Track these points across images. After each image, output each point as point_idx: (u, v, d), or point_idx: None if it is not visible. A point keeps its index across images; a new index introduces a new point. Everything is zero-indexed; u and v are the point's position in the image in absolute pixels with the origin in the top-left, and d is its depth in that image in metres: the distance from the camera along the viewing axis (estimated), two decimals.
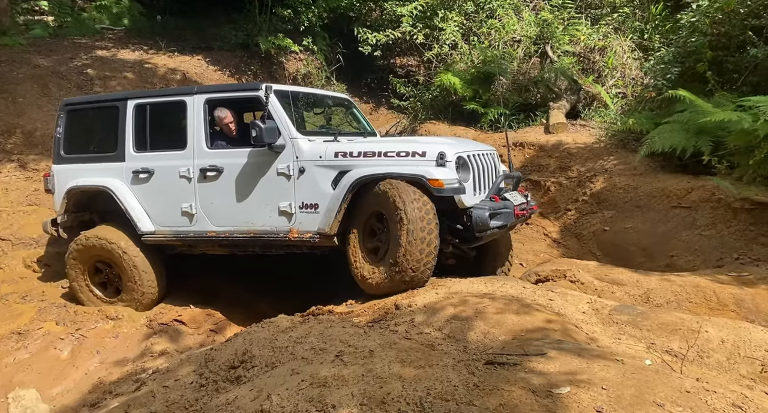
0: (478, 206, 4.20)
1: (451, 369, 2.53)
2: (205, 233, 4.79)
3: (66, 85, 8.70)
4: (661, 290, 4.12)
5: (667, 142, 6.01)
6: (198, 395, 2.90)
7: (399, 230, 3.91)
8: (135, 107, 4.96)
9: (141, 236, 4.93)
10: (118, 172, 4.99)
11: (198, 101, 4.75)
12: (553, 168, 7.13)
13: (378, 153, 4.25)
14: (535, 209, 5.00)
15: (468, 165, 4.28)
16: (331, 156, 4.36)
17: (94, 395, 4.06)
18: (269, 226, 4.57)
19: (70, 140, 5.25)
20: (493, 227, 4.18)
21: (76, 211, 5.29)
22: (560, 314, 3.49)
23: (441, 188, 3.98)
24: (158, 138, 4.94)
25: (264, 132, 4.26)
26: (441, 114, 8.96)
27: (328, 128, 5.44)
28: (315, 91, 6.07)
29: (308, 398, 2.40)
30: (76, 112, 5.30)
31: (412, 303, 3.81)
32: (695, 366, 2.96)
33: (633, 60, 8.79)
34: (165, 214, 4.90)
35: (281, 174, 4.48)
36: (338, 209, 4.26)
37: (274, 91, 4.47)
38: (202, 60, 10.50)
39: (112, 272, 5.10)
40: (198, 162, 4.73)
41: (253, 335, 3.39)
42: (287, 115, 4.52)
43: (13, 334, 4.60)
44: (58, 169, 5.24)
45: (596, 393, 2.24)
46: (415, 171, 4.07)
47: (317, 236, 4.41)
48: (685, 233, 5.50)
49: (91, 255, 5.04)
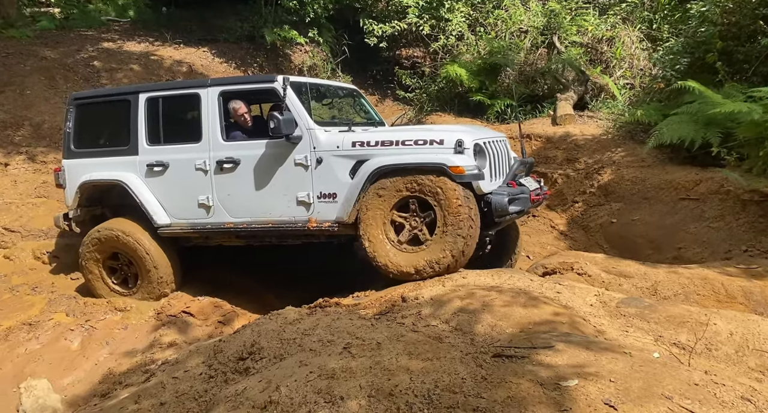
0: (496, 191, 4.26)
1: (458, 362, 2.54)
2: (223, 225, 4.83)
3: (73, 77, 8.72)
4: (668, 283, 4.10)
5: (675, 133, 5.95)
6: (207, 386, 2.92)
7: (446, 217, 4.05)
8: (147, 101, 4.96)
9: (157, 229, 4.96)
10: (132, 165, 5.00)
11: (212, 94, 4.76)
12: (560, 160, 7.09)
13: (396, 142, 4.27)
14: (548, 195, 5.05)
15: (484, 152, 4.32)
16: (348, 146, 4.39)
17: (104, 385, 4.11)
18: (287, 216, 4.61)
19: (81, 134, 5.25)
20: (512, 212, 4.24)
21: (88, 205, 5.31)
22: (568, 306, 3.49)
23: (462, 175, 4.03)
24: (172, 131, 4.95)
25: (282, 123, 4.28)
26: (447, 106, 8.92)
27: (340, 118, 5.46)
28: (326, 83, 6.10)
29: (316, 389, 2.42)
30: (85, 106, 5.30)
31: (419, 296, 3.83)
32: (703, 358, 2.95)
33: (641, 51, 8.70)
34: (181, 206, 4.93)
35: (299, 165, 4.51)
36: (357, 198, 4.30)
37: (291, 82, 4.50)
38: (207, 52, 10.49)
39: (128, 265, 5.14)
40: (214, 154, 4.75)
41: (261, 327, 3.41)
42: (304, 106, 4.54)
43: (24, 325, 4.66)
44: (69, 164, 5.25)
45: (604, 385, 2.24)
46: (435, 159, 4.11)
47: (336, 225, 4.46)
48: (693, 225, 5.47)
49: (106, 248, 5.07)
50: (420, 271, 4.16)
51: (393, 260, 4.24)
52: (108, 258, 5.15)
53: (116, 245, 5.02)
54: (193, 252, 5.46)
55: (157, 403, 2.83)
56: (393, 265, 4.24)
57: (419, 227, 4.24)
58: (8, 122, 7.57)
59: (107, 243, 5.04)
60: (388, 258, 4.25)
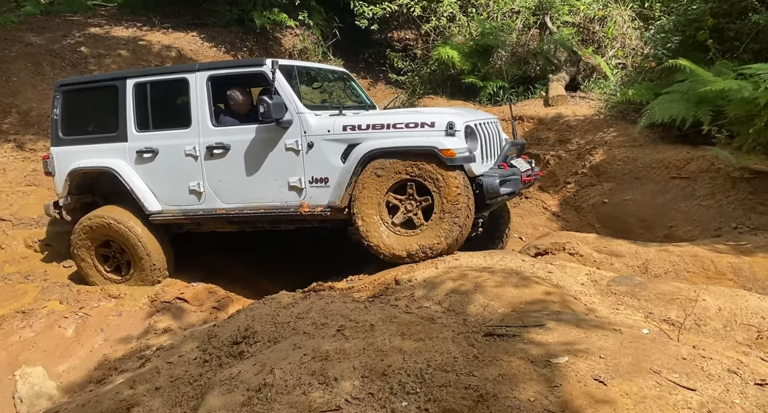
0: (488, 173, 4.26)
1: (450, 342, 2.57)
2: (215, 211, 4.81)
3: (60, 63, 8.60)
4: (659, 261, 4.14)
5: (666, 112, 5.96)
6: (202, 370, 2.94)
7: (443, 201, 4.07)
8: (135, 86, 4.90)
9: (148, 216, 4.94)
10: (121, 152, 4.95)
11: (200, 78, 4.71)
12: (553, 141, 7.09)
13: (387, 125, 4.25)
14: (539, 175, 5.06)
15: (476, 134, 4.32)
16: (339, 130, 4.36)
17: (99, 371, 4.13)
18: (279, 201, 4.59)
19: (68, 121, 5.19)
20: (503, 193, 4.25)
21: (78, 193, 5.27)
22: (559, 286, 3.52)
23: (453, 158, 4.02)
24: (161, 117, 4.89)
25: (272, 108, 4.24)
26: (439, 88, 8.87)
27: (330, 102, 5.41)
28: (316, 66, 6.02)
29: (310, 371, 2.44)
30: (72, 92, 5.23)
31: (412, 278, 3.85)
32: (692, 334, 2.99)
33: (633, 30, 8.65)
34: (172, 193, 4.90)
35: (290, 149, 4.48)
36: (349, 182, 4.29)
37: (280, 65, 4.45)
38: (196, 37, 10.34)
39: (120, 252, 5.13)
40: (204, 140, 4.71)
41: (255, 311, 3.42)
42: (293, 90, 4.50)
43: (18, 313, 4.66)
44: (58, 151, 5.19)
45: (594, 361, 2.27)
46: (426, 142, 4.10)
47: (328, 209, 4.45)
48: (684, 203, 5.50)
49: (98, 236, 5.06)
50: (412, 255, 4.17)
51: (386, 241, 4.25)
52: (100, 246, 5.13)
53: (108, 232, 5.00)
54: (187, 239, 5.46)
55: (153, 388, 2.85)
56: (385, 247, 4.25)
57: (414, 210, 4.24)
58: None
59: (99, 231, 5.02)
60: (381, 239, 4.26)
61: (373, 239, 4.27)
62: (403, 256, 4.20)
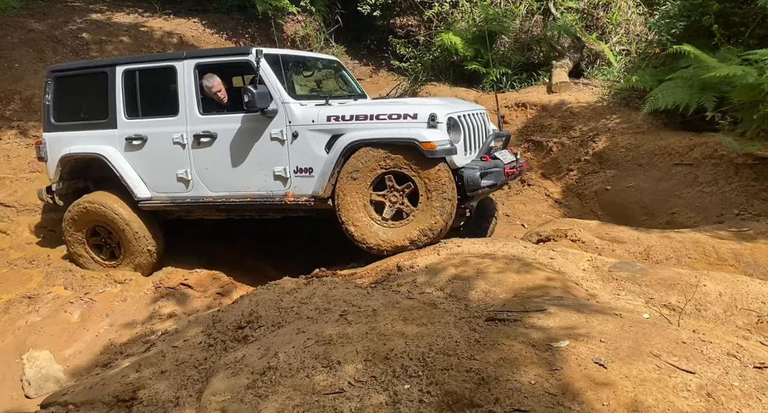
0: (469, 166, 4.26)
1: (452, 326, 2.59)
2: (202, 199, 4.83)
3: (62, 50, 8.56)
4: (661, 247, 4.15)
5: (670, 99, 5.92)
6: (207, 354, 2.98)
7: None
8: (124, 73, 4.90)
9: (138, 203, 4.96)
10: (111, 139, 4.97)
11: (188, 67, 4.70)
12: (556, 128, 7.06)
13: (370, 116, 4.24)
14: (524, 167, 5.06)
15: (459, 126, 4.31)
16: (323, 120, 4.35)
17: (105, 356, 4.19)
18: (265, 190, 4.61)
19: (60, 107, 5.20)
20: (484, 186, 4.26)
21: (70, 178, 5.29)
22: (561, 272, 3.54)
23: (433, 150, 4.01)
24: (149, 104, 4.90)
25: (256, 97, 4.23)
26: (442, 75, 8.82)
27: (318, 91, 5.38)
28: (304, 54, 5.98)
29: (314, 355, 2.47)
30: (63, 79, 5.23)
31: (414, 264, 3.87)
32: (693, 319, 3.02)
33: (638, 15, 8.57)
34: (161, 180, 4.92)
35: (275, 139, 4.48)
36: (332, 172, 4.29)
37: (264, 55, 4.42)
38: (198, 23, 10.28)
39: (110, 237, 5.16)
40: (191, 128, 4.71)
41: (259, 296, 3.45)
42: (278, 79, 4.48)
43: (24, 298, 4.71)
44: (50, 137, 5.21)
45: (594, 345, 2.30)
46: (407, 134, 4.09)
47: (312, 199, 4.46)
48: (687, 190, 5.50)
49: (88, 221, 5.10)
50: (414, 241, 4.18)
51: (384, 238, 4.24)
52: (91, 230, 5.17)
53: (97, 217, 5.05)
54: (190, 226, 5.48)
55: (158, 371, 2.89)
56: (386, 243, 4.23)
57: (400, 200, 4.24)
58: None
59: (89, 216, 5.07)
60: (378, 238, 4.25)
61: (371, 240, 4.26)
62: (406, 245, 4.20)
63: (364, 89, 5.99)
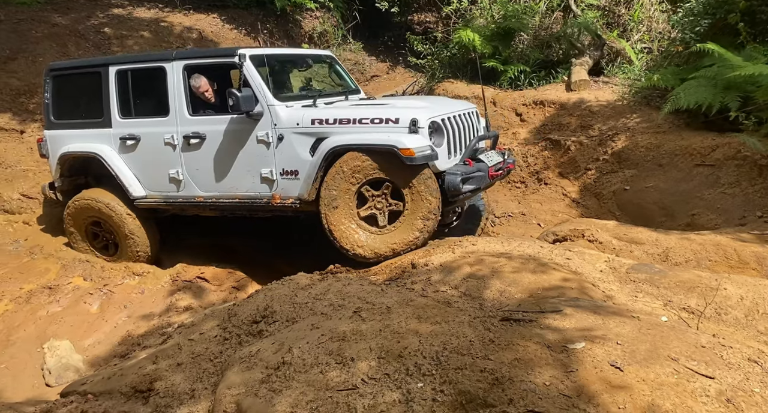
0: (450, 171, 4.22)
1: (467, 326, 2.58)
2: (194, 198, 4.89)
3: (84, 44, 8.69)
4: (680, 249, 4.08)
5: (692, 98, 5.81)
6: (222, 348, 3.01)
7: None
8: (117, 73, 4.94)
9: (133, 201, 5.05)
10: (107, 138, 5.04)
11: (177, 67, 4.72)
12: (574, 127, 6.98)
13: (353, 120, 4.23)
14: (511, 168, 4.99)
15: (442, 129, 4.27)
16: (307, 123, 4.35)
17: (123, 347, 4.26)
18: (253, 192, 4.64)
19: (59, 105, 5.29)
20: (465, 191, 4.22)
21: (70, 175, 5.38)
22: (577, 272, 3.50)
23: (412, 157, 3.96)
24: (142, 104, 4.95)
25: (240, 101, 4.25)
26: (459, 72, 8.76)
27: (309, 89, 5.35)
28: (294, 52, 5.97)
29: (328, 351, 2.48)
30: (61, 77, 5.30)
31: (429, 262, 3.85)
32: (712, 323, 2.96)
33: (660, 13, 8.41)
34: (154, 180, 4.99)
35: (261, 141, 4.50)
36: (315, 177, 4.30)
37: (249, 56, 4.43)
38: (217, 18, 10.35)
39: (108, 232, 5.28)
40: (181, 129, 4.75)
41: (274, 291, 3.48)
42: (264, 81, 4.47)
43: (45, 288, 4.80)
44: (50, 134, 5.31)
45: (611, 348, 2.27)
46: (387, 140, 4.05)
47: (298, 201, 4.48)
48: (708, 191, 5.40)
49: (85, 216, 5.22)
50: (422, 230, 4.14)
51: (385, 243, 4.19)
52: (89, 226, 5.30)
53: (94, 214, 5.17)
54: (204, 222, 5.54)
55: (174, 364, 2.93)
56: (393, 244, 4.19)
57: (385, 205, 4.21)
58: (21, 89, 7.58)
59: (86, 212, 5.19)
60: (374, 248, 4.21)
61: (367, 251, 4.22)
62: (412, 239, 4.16)
63: (381, 86, 5.98)
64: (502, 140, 7.29)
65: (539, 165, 6.88)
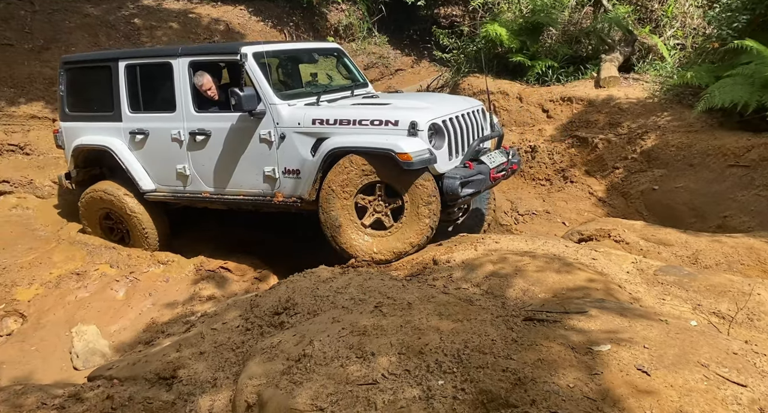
0: (449, 174, 4.15)
1: (489, 324, 2.55)
2: (200, 193, 4.94)
3: (115, 34, 8.84)
4: (710, 252, 3.97)
5: (727, 96, 5.64)
6: (244, 338, 3.04)
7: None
8: (126, 68, 4.98)
9: (143, 194, 5.12)
10: (117, 132, 5.10)
11: (182, 64, 4.73)
12: (602, 124, 6.84)
13: (353, 121, 4.19)
14: (516, 168, 4.89)
15: (443, 131, 4.19)
16: (309, 123, 4.33)
17: (147, 333, 4.33)
18: (256, 189, 4.67)
19: (73, 98, 5.36)
20: (463, 195, 4.16)
21: (85, 166, 5.48)
22: (603, 273, 3.43)
23: (409, 162, 3.90)
24: (150, 99, 4.99)
25: (243, 100, 4.24)
26: (485, 67, 8.66)
27: (314, 85, 5.31)
28: (300, 46, 5.92)
29: (348, 345, 2.48)
30: (74, 71, 5.37)
31: (451, 259, 3.83)
32: (744, 329, 2.87)
33: (696, 8, 8.17)
34: (162, 174, 5.05)
35: (264, 140, 4.49)
36: (315, 177, 4.28)
37: (252, 54, 4.41)
38: (244, 10, 10.42)
39: (120, 223, 5.39)
40: (187, 125, 4.78)
41: (296, 283, 3.49)
42: (266, 79, 4.44)
43: (73, 274, 4.91)
44: (65, 126, 5.40)
45: (638, 351, 2.22)
46: (384, 144, 4.00)
47: (299, 200, 4.48)
48: (741, 193, 5.24)
49: (98, 208, 5.34)
50: (429, 221, 4.11)
51: (399, 240, 4.17)
52: (102, 216, 5.41)
53: (107, 205, 5.28)
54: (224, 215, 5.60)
55: (197, 352, 2.97)
56: (403, 243, 4.16)
57: (384, 206, 4.19)
58: (54, 78, 7.70)
59: (98, 203, 5.30)
60: (391, 246, 4.18)
61: (387, 254, 4.20)
62: (424, 226, 4.13)
63: (405, 80, 5.93)
64: (528, 136, 7.19)
65: (565, 163, 6.77)
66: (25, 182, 6.32)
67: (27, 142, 6.79)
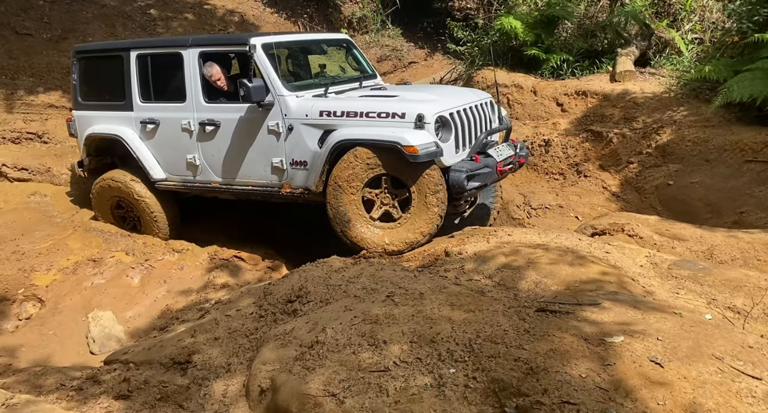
0: (455, 167, 4.14)
1: (501, 315, 2.56)
2: (210, 183, 4.98)
3: (131, 25, 8.89)
4: (726, 247, 3.93)
5: (746, 91, 5.55)
6: (257, 324, 3.07)
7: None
8: (137, 58, 5.00)
9: (154, 183, 5.16)
10: (128, 121, 5.14)
11: (192, 54, 4.74)
12: (617, 118, 6.78)
13: (360, 113, 4.18)
14: (523, 162, 4.87)
15: (450, 124, 4.17)
16: (316, 115, 4.33)
17: (162, 320, 4.39)
18: (265, 180, 4.69)
19: (85, 87, 5.42)
20: (470, 189, 4.15)
21: (97, 155, 5.54)
22: (616, 266, 3.42)
23: (416, 155, 3.88)
24: (161, 89, 5.02)
25: (251, 91, 4.25)
26: (500, 60, 8.60)
27: (322, 76, 5.30)
28: (309, 37, 5.90)
29: (360, 333, 2.51)
30: (86, 60, 5.41)
31: (463, 251, 3.83)
32: (760, 323, 2.85)
33: (715, 2, 8.04)
34: (172, 164, 5.08)
35: (272, 131, 4.51)
36: (322, 169, 4.29)
37: (261, 45, 4.41)
38: (259, 2, 10.44)
39: (131, 211, 5.45)
40: (197, 115, 4.80)
41: (308, 272, 3.52)
42: (275, 71, 4.45)
43: (90, 261, 4.99)
44: (78, 115, 5.45)
45: (651, 343, 2.21)
46: (391, 136, 3.99)
47: (307, 191, 4.50)
48: (759, 189, 5.17)
49: (110, 196, 5.40)
50: (437, 213, 4.12)
51: (410, 230, 4.17)
52: (114, 204, 5.48)
53: (118, 193, 5.34)
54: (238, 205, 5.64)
55: (212, 338, 3.01)
56: (414, 234, 4.17)
57: (391, 198, 4.21)
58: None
59: (110, 192, 5.36)
60: (403, 237, 4.19)
61: (399, 245, 4.21)
62: (433, 215, 4.14)
63: (419, 72, 5.91)
64: (542, 130, 7.14)
65: (579, 157, 6.72)
66: (43, 169, 6.41)
67: (45, 130, 6.88)
